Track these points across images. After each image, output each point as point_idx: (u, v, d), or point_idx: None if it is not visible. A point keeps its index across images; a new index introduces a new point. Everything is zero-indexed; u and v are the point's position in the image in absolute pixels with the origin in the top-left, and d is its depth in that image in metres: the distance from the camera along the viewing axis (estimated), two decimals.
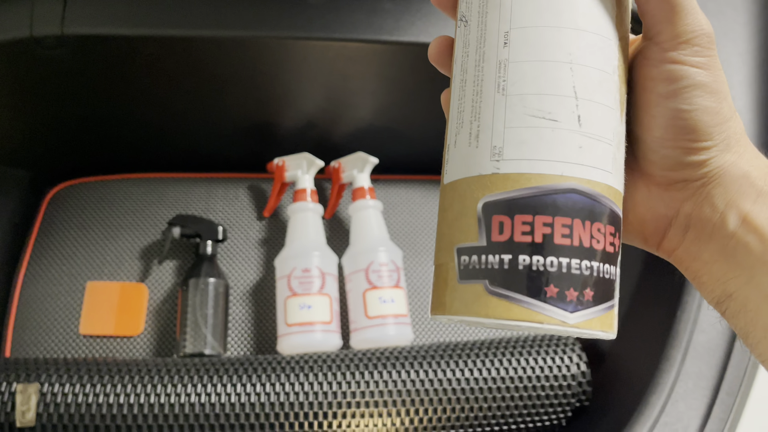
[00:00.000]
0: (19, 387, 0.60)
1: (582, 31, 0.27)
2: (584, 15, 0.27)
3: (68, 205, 0.84)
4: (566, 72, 0.26)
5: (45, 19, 0.65)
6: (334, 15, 0.68)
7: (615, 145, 0.27)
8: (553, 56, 0.26)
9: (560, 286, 0.25)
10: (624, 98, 0.28)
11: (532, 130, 0.26)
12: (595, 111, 0.26)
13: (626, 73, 0.28)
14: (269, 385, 0.64)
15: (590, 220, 0.26)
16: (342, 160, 0.87)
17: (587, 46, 0.27)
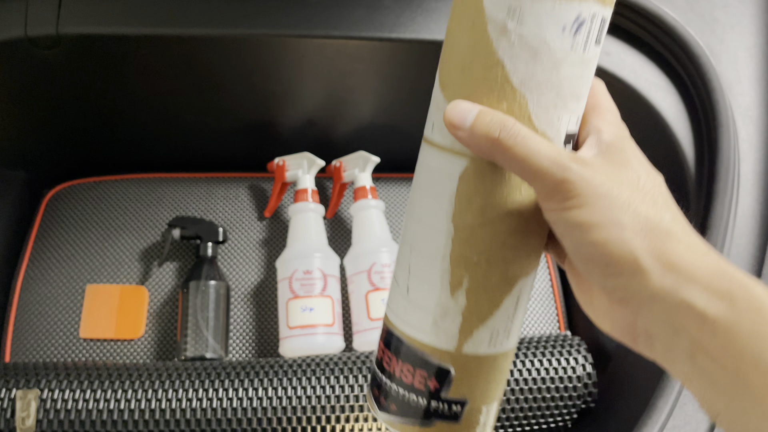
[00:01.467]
0: (19, 393, 0.60)
1: (422, 223, 0.33)
2: (424, 211, 0.33)
3: (66, 206, 0.84)
4: (407, 251, 0.34)
5: (40, 18, 0.64)
6: (334, 12, 0.67)
7: (437, 314, 0.33)
8: (404, 238, 0.35)
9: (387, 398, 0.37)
10: (459, 278, 0.32)
11: (392, 283, 0.36)
12: (419, 286, 0.34)
13: (464, 255, 0.32)
14: (271, 388, 0.63)
15: (404, 360, 0.35)
16: (343, 159, 0.86)
17: (422, 235, 0.33)
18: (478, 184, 0.31)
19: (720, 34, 0.68)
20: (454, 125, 0.30)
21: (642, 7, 0.66)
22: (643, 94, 0.68)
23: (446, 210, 0.32)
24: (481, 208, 0.31)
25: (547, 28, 0.29)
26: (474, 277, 0.32)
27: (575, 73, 0.30)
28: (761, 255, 0.59)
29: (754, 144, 0.64)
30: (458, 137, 0.30)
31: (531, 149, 0.28)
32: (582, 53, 0.30)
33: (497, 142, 0.29)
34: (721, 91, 0.64)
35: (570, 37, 0.29)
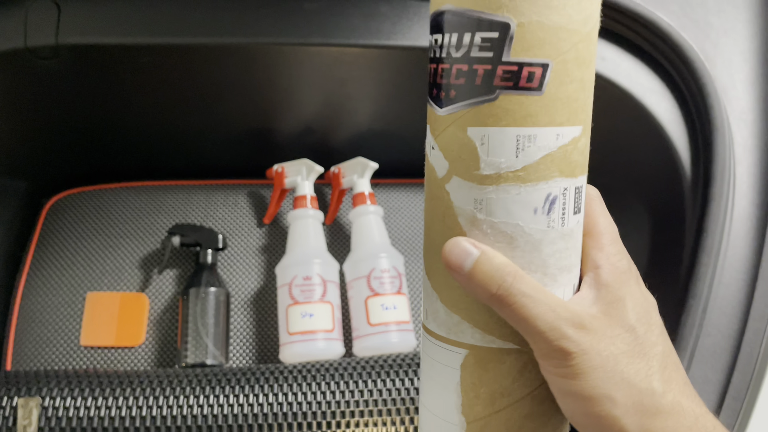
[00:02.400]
0: (21, 401, 0.60)
1: (434, 416, 0.32)
2: (434, 403, 0.32)
3: (66, 215, 0.84)
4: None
5: (39, 29, 0.64)
6: (331, 20, 0.67)
7: None
8: (421, 428, 0.34)
9: None
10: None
11: None
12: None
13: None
14: (272, 395, 0.63)
15: None
16: (342, 166, 0.86)
17: (436, 428, 0.32)
18: (481, 373, 0.30)
19: (714, 39, 0.68)
20: (451, 267, 0.29)
21: (637, 13, 0.66)
22: (639, 98, 0.68)
23: (455, 402, 0.30)
24: (490, 397, 0.30)
25: (517, 214, 0.28)
26: None
27: (559, 248, 0.29)
28: (757, 258, 0.60)
29: (749, 147, 0.65)
30: (457, 280, 0.29)
31: (529, 312, 0.28)
32: (561, 228, 0.29)
33: (495, 298, 0.28)
34: (716, 95, 0.64)
35: (544, 216, 0.28)
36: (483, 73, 0.27)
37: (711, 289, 0.58)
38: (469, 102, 0.27)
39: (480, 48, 0.27)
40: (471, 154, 0.28)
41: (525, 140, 0.27)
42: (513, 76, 0.27)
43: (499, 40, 0.26)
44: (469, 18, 0.27)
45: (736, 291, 0.59)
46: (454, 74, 0.28)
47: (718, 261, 0.59)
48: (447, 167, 0.29)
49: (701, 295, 0.58)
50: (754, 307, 0.58)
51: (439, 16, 0.28)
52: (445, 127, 0.29)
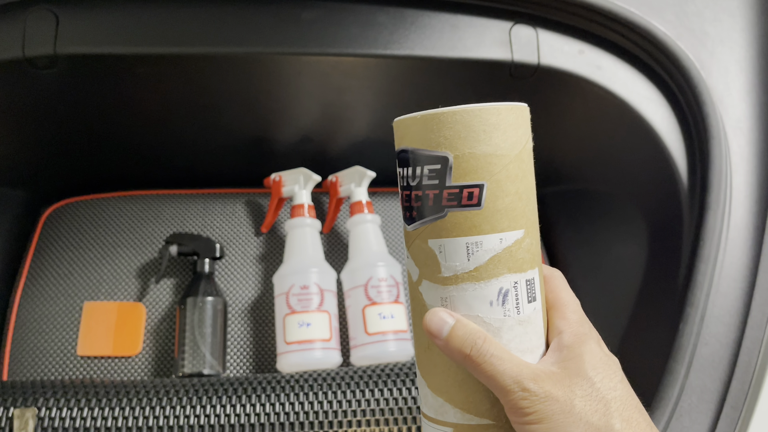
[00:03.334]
0: (17, 412, 0.60)
1: None
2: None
3: (64, 224, 0.84)
4: None
5: (37, 39, 0.64)
6: (329, 29, 0.68)
7: None
8: None
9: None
10: None
11: None
12: None
13: None
14: (269, 404, 0.63)
15: None
16: (339, 174, 0.86)
17: None
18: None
19: (710, 48, 0.69)
20: (432, 334, 0.34)
21: (633, 22, 0.67)
22: (635, 107, 0.68)
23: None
24: None
25: (476, 307, 0.34)
26: None
27: (517, 333, 0.34)
28: (754, 267, 0.60)
29: (746, 156, 0.65)
30: (437, 345, 0.34)
31: (496, 369, 0.32)
32: (517, 315, 0.34)
33: (468, 358, 0.32)
34: (712, 104, 0.65)
35: (499, 307, 0.34)
36: (433, 197, 0.34)
37: (708, 298, 0.58)
38: (426, 219, 0.34)
39: (428, 177, 0.33)
40: (433, 260, 0.34)
41: (473, 246, 0.33)
42: (455, 196, 0.33)
43: (441, 170, 0.33)
44: (418, 155, 0.34)
45: (733, 300, 0.59)
46: (413, 198, 0.34)
47: (715, 270, 0.59)
48: (418, 273, 0.35)
49: (699, 303, 0.58)
50: (751, 316, 0.58)
51: (400, 154, 0.35)
52: (413, 240, 0.35)
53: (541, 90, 0.72)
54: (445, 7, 0.69)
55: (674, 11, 0.69)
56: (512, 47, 0.69)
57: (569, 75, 0.69)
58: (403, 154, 0.35)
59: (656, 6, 0.68)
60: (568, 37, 0.70)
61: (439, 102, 0.82)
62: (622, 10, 0.66)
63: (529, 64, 0.69)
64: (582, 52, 0.70)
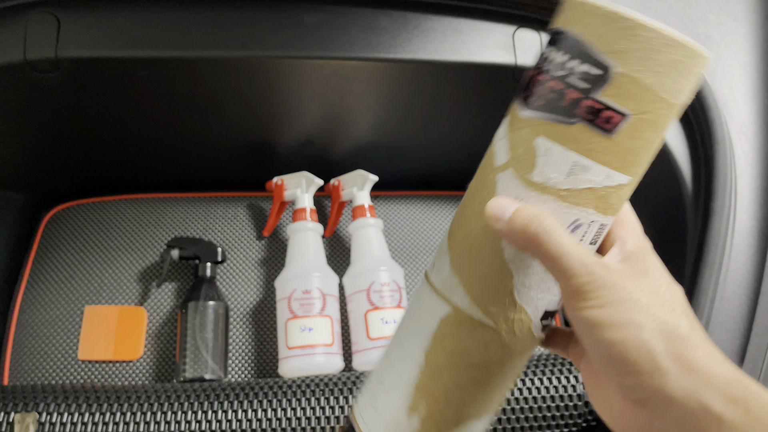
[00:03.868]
0: (17, 417, 0.59)
1: (402, 347, 0.37)
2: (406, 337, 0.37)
3: (65, 227, 0.84)
4: (386, 365, 0.37)
5: (39, 42, 0.64)
6: (331, 33, 0.68)
7: (391, 428, 0.36)
8: (387, 352, 0.38)
9: None
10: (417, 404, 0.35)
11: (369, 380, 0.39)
12: (385, 396, 0.37)
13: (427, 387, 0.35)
14: (270, 409, 0.63)
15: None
16: (341, 178, 0.86)
17: (399, 356, 0.37)
18: (454, 332, 0.34)
19: (715, 52, 0.68)
20: (494, 217, 0.31)
21: None
22: None
23: (423, 344, 0.35)
24: (452, 353, 0.34)
25: None
26: (431, 409, 0.35)
27: None
28: (759, 272, 0.59)
29: (751, 161, 0.64)
30: (497, 228, 0.31)
31: (563, 248, 0.30)
32: None
33: (533, 237, 0.30)
34: (717, 109, 0.64)
35: None
36: (571, 99, 0.30)
37: (713, 304, 0.58)
38: (549, 116, 0.31)
39: (578, 77, 0.30)
40: (531, 158, 0.31)
41: (579, 168, 0.31)
42: (594, 112, 0.30)
43: (597, 78, 0.29)
44: (582, 48, 0.30)
45: (738, 306, 0.58)
46: (547, 87, 0.31)
47: (720, 275, 0.59)
48: (506, 159, 0.32)
49: (703, 310, 0.58)
50: (756, 322, 0.58)
51: (557, 34, 0.31)
52: (521, 127, 0.32)
53: None
54: (448, 10, 0.69)
55: (679, 16, 0.68)
56: (516, 51, 0.69)
57: None
58: (562, 37, 0.31)
59: (661, 10, 0.68)
60: None
61: (440, 105, 0.81)
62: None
63: None
64: None
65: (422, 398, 0.35)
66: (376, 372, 0.38)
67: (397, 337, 0.37)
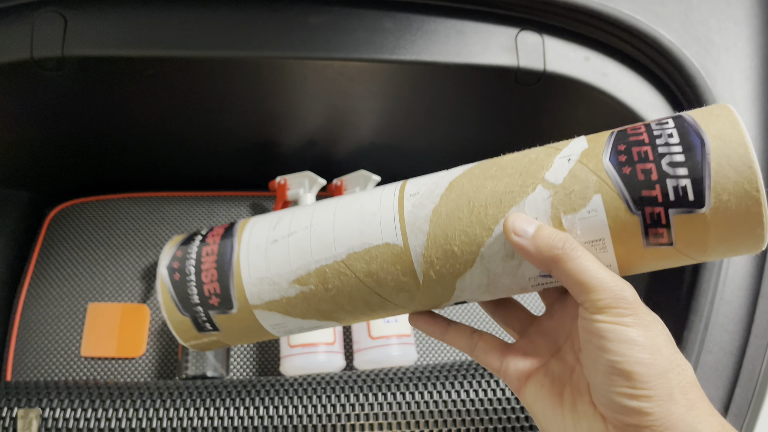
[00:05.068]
0: (20, 412, 0.60)
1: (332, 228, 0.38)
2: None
3: (69, 225, 0.84)
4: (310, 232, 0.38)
5: (45, 41, 0.65)
6: (335, 34, 0.68)
7: (269, 277, 0.39)
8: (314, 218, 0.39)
9: None
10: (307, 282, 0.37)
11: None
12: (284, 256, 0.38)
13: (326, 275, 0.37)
14: (272, 407, 0.63)
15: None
16: (344, 178, 0.87)
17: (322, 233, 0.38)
18: (389, 263, 0.35)
19: (715, 56, 0.69)
20: (516, 231, 0.32)
21: (639, 30, 0.67)
22: (641, 114, 0.69)
23: (353, 243, 0.36)
24: (371, 273, 0.35)
25: None
26: (312, 293, 0.37)
27: None
28: (759, 274, 0.60)
29: None
30: (517, 243, 0.32)
31: (590, 264, 0.31)
32: None
33: (562, 252, 0.31)
34: None
35: None
36: (650, 195, 0.30)
37: (713, 306, 0.58)
38: (622, 189, 0.30)
39: (673, 184, 0.29)
40: (576, 205, 0.31)
41: (599, 246, 0.32)
42: (655, 223, 0.30)
43: (687, 203, 0.29)
44: (702, 166, 0.29)
45: (737, 307, 0.59)
46: (645, 166, 0.30)
47: (719, 277, 0.59)
48: (558, 183, 0.32)
49: (703, 311, 0.58)
50: (755, 324, 0.58)
51: (692, 130, 0.30)
52: (594, 170, 0.31)
53: (546, 96, 0.72)
54: (451, 13, 0.69)
55: (680, 19, 0.69)
56: (518, 53, 0.69)
57: (575, 82, 0.69)
58: (695, 137, 0.29)
59: (662, 14, 0.68)
60: (574, 44, 0.70)
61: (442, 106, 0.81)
62: (628, 18, 0.66)
63: (535, 71, 0.69)
64: (588, 59, 0.70)
65: (314, 281, 0.36)
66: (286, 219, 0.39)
67: (333, 217, 0.37)
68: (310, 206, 0.39)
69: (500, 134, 0.84)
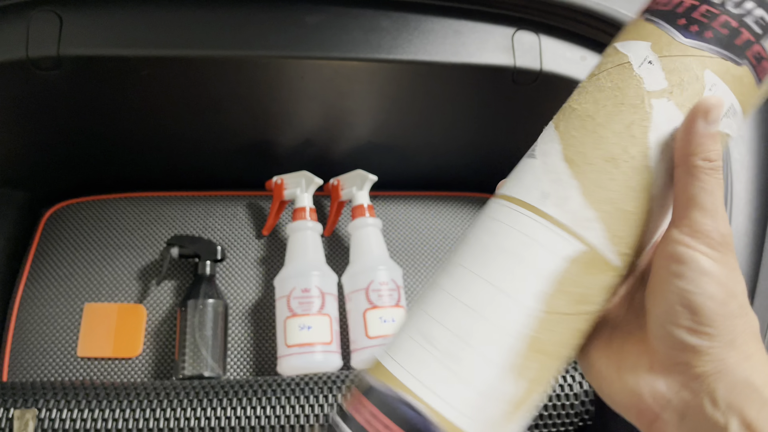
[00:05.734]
0: (17, 413, 0.60)
1: (496, 289, 0.29)
2: (501, 277, 0.29)
3: (65, 225, 0.84)
4: (460, 313, 0.29)
5: (41, 40, 0.65)
6: (332, 33, 0.68)
7: (485, 395, 0.28)
8: (454, 292, 0.30)
9: None
10: (528, 363, 0.29)
11: (418, 342, 0.29)
12: (474, 358, 0.28)
13: (542, 341, 0.29)
14: (269, 407, 0.63)
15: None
16: (341, 178, 0.87)
17: (493, 302, 0.29)
18: (584, 275, 0.29)
19: None
20: (710, 118, 0.29)
21: None
22: None
23: (539, 287, 0.29)
24: (579, 299, 0.29)
25: None
26: (542, 369, 0.29)
27: None
28: (755, 274, 0.60)
29: (746, 164, 0.65)
30: (693, 124, 0.29)
31: (718, 193, 0.29)
32: None
33: (709, 165, 0.28)
34: None
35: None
36: (744, 40, 0.30)
37: None
38: (720, 51, 0.30)
39: (754, 20, 0.30)
40: (696, 90, 0.30)
41: (731, 112, 0.30)
42: (759, 59, 0.30)
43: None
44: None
45: None
46: (720, 21, 0.30)
47: None
48: (664, 86, 0.30)
49: None
50: None
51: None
52: (684, 54, 0.30)
53: (543, 96, 0.72)
54: (448, 12, 0.69)
55: None
56: (515, 53, 0.69)
57: (571, 81, 0.69)
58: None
59: None
60: (571, 43, 0.70)
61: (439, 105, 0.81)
62: (624, 17, 0.66)
63: (531, 70, 0.69)
64: (584, 58, 0.70)
65: (535, 356, 0.29)
66: (444, 328, 0.29)
67: (478, 277, 0.30)
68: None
69: (497, 134, 0.84)
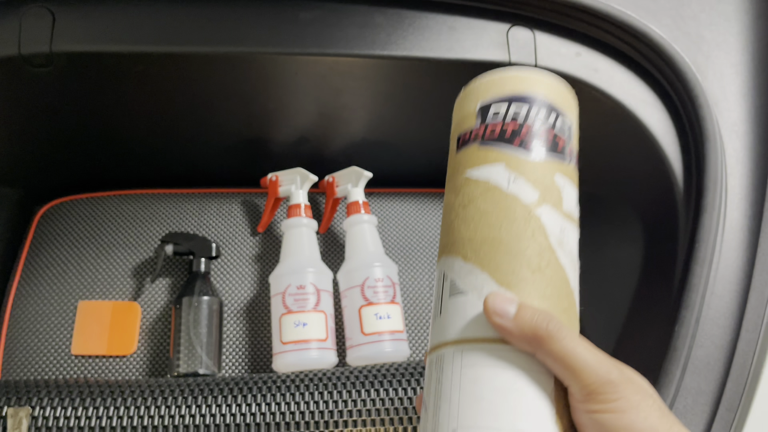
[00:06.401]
0: (10, 411, 0.59)
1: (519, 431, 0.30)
2: (523, 417, 0.30)
3: (58, 223, 0.83)
4: None
5: (33, 37, 0.64)
6: (327, 30, 0.68)
7: None
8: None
9: None
10: None
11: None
12: None
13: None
14: (264, 404, 0.63)
15: None
16: (336, 175, 0.86)
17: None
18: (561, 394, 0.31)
19: (706, 52, 0.69)
20: (496, 312, 0.31)
21: (630, 25, 0.67)
22: (632, 110, 0.69)
23: (549, 411, 0.30)
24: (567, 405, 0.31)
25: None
26: None
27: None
28: (750, 269, 0.60)
29: (741, 159, 0.65)
30: (499, 325, 0.31)
31: (576, 346, 0.29)
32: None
33: (546, 333, 0.30)
34: (708, 107, 0.65)
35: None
36: (562, 144, 0.36)
37: (704, 300, 0.59)
38: (555, 157, 0.36)
39: (559, 128, 0.37)
40: (557, 193, 0.35)
41: (575, 196, 0.37)
42: (573, 154, 0.38)
43: (569, 128, 0.38)
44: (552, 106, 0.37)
45: (728, 302, 0.59)
46: (542, 136, 0.36)
47: (710, 272, 0.59)
48: (537, 196, 0.34)
49: (694, 305, 0.58)
50: (746, 318, 0.58)
51: (526, 98, 0.37)
52: (535, 169, 0.35)
53: None
54: (442, 8, 0.69)
55: (671, 15, 0.69)
56: (510, 49, 0.69)
57: (566, 77, 0.69)
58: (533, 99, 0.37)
59: (653, 9, 0.68)
60: (566, 39, 0.70)
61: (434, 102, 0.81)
62: (619, 13, 0.66)
63: (526, 66, 0.69)
64: (579, 54, 0.70)
65: None
66: None
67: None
68: None
69: None
